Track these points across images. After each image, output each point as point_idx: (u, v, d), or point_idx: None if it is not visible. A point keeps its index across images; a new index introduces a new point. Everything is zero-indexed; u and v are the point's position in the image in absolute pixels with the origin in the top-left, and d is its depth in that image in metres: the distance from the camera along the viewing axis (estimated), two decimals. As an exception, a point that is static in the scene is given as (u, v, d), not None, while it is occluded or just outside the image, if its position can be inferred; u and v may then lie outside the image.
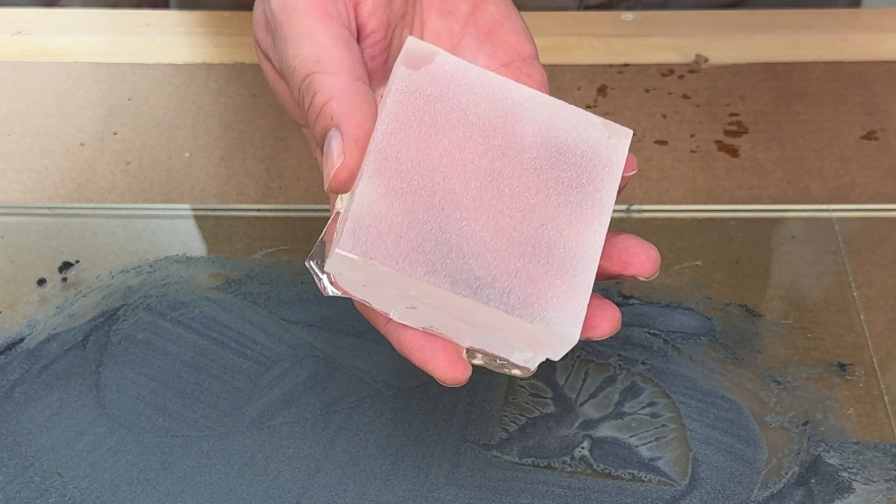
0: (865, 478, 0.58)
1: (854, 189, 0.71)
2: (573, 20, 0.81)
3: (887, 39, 0.80)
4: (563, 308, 0.46)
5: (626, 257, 0.49)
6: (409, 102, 0.47)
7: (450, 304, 0.45)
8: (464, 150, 0.47)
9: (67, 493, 0.56)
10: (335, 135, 0.46)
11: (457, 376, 0.47)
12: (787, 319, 0.64)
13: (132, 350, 0.62)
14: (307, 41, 0.48)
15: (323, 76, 0.47)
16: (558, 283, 0.46)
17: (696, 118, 0.75)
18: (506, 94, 0.48)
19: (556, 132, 0.48)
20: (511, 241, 0.46)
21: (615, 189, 0.48)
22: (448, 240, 0.45)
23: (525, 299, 0.45)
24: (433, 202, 0.46)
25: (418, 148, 0.46)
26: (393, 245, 0.45)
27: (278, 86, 0.52)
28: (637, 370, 0.62)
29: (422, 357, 0.47)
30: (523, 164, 0.47)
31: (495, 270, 0.45)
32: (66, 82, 0.77)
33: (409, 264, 0.44)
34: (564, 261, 0.46)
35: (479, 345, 0.48)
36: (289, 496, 0.57)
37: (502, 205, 0.46)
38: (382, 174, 0.46)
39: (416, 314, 0.47)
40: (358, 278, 0.46)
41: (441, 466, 0.58)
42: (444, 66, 0.48)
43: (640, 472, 0.58)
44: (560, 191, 0.47)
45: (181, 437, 0.59)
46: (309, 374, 0.61)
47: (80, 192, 0.70)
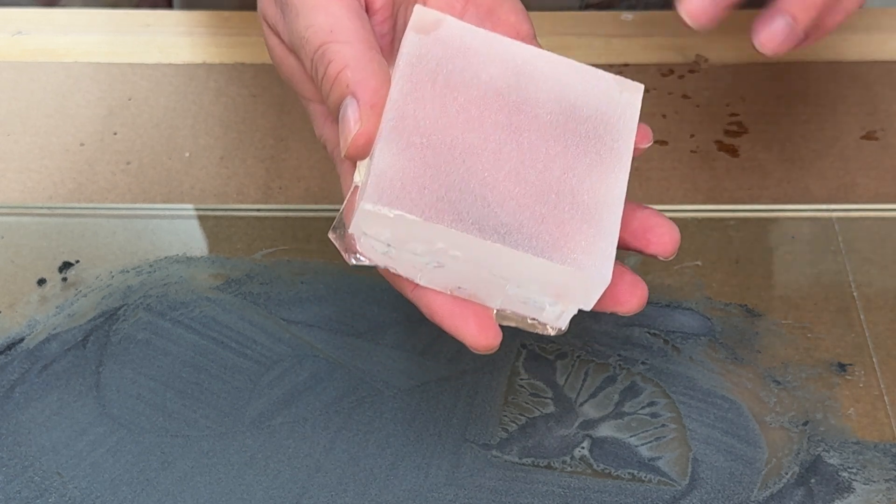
0: (865, 478, 0.58)
1: (854, 189, 0.71)
2: (573, 20, 0.81)
3: (887, 39, 0.80)
4: (592, 251, 0.46)
5: (649, 235, 0.49)
6: (421, 65, 0.47)
7: (478, 253, 0.45)
8: (479, 108, 0.47)
9: (67, 493, 0.56)
10: (351, 102, 0.46)
11: (489, 342, 0.47)
12: (787, 319, 0.64)
13: (132, 350, 0.62)
14: (320, 12, 0.48)
15: (337, 45, 0.47)
16: (584, 227, 0.46)
17: (696, 118, 0.75)
18: (516, 54, 0.49)
19: (569, 88, 0.49)
20: (534, 189, 0.46)
21: (632, 139, 0.49)
22: (472, 189, 0.45)
23: (553, 243, 0.45)
24: (454, 155, 0.46)
25: (434, 106, 0.47)
26: (418, 195, 0.45)
27: (286, 60, 0.52)
28: (637, 370, 0.62)
29: (452, 323, 0.47)
30: (539, 119, 0.48)
31: (521, 217, 0.45)
32: (66, 82, 0.77)
33: (435, 213, 0.45)
34: (589, 206, 0.47)
35: (509, 305, 0.48)
36: (289, 496, 0.57)
37: (522, 156, 0.47)
38: (401, 132, 0.46)
39: (443, 274, 0.47)
40: (384, 236, 0.46)
41: (441, 466, 0.58)
42: (453, 30, 0.49)
43: (640, 472, 0.58)
44: (578, 142, 0.48)
45: (181, 437, 0.59)
46: (309, 374, 0.61)
47: (80, 192, 0.70)
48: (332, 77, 0.47)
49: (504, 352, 0.62)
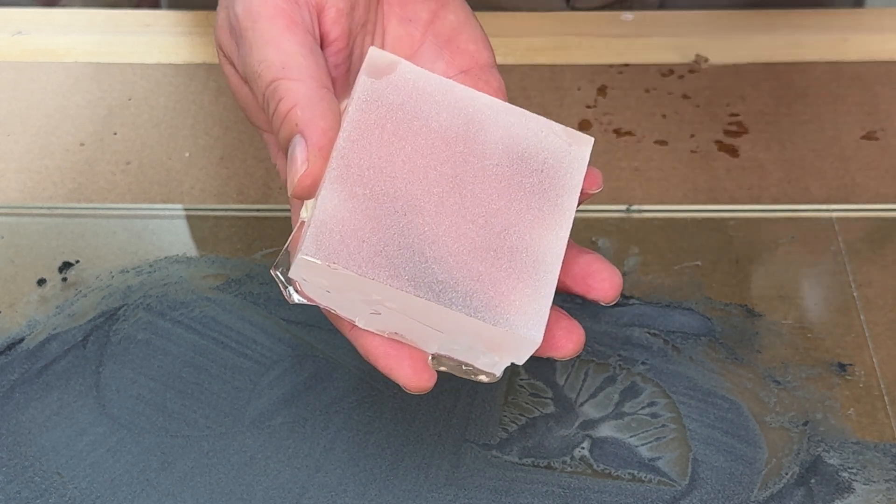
0: (865, 478, 0.58)
1: (854, 189, 0.71)
2: (573, 20, 0.81)
3: (887, 39, 0.80)
4: (526, 311, 0.46)
5: (590, 281, 0.49)
6: (371, 111, 0.47)
7: (413, 307, 0.46)
8: (426, 157, 0.47)
9: (67, 493, 0.56)
10: (299, 141, 0.46)
11: (421, 384, 0.47)
12: (787, 319, 0.64)
13: (132, 350, 0.62)
14: (272, 47, 0.48)
15: (288, 82, 0.47)
16: (521, 286, 0.46)
17: (696, 118, 0.75)
18: (467, 103, 0.49)
19: (517, 139, 0.49)
20: (473, 245, 0.46)
21: (577, 195, 0.49)
22: (410, 244, 0.46)
23: (488, 303, 0.46)
24: (396, 207, 0.46)
25: (380, 155, 0.47)
26: (356, 249, 0.45)
27: (240, 90, 0.52)
28: (637, 370, 0.62)
29: (386, 364, 0.48)
30: (485, 171, 0.48)
31: (458, 274, 0.46)
32: (66, 82, 0.77)
33: (371, 268, 0.45)
34: (527, 265, 0.47)
35: (445, 350, 0.48)
36: (289, 496, 0.57)
37: (465, 210, 0.47)
38: (345, 180, 0.46)
39: (380, 320, 0.47)
40: (322, 283, 0.46)
41: (441, 466, 0.58)
42: (406, 75, 0.48)
43: (640, 472, 0.58)
44: (522, 196, 0.48)
45: (181, 437, 0.59)
46: (309, 374, 0.61)
47: (80, 192, 0.70)
48: (283, 114, 0.47)
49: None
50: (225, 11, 0.51)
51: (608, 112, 0.76)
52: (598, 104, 0.76)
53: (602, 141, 0.74)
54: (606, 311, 0.64)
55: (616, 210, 0.70)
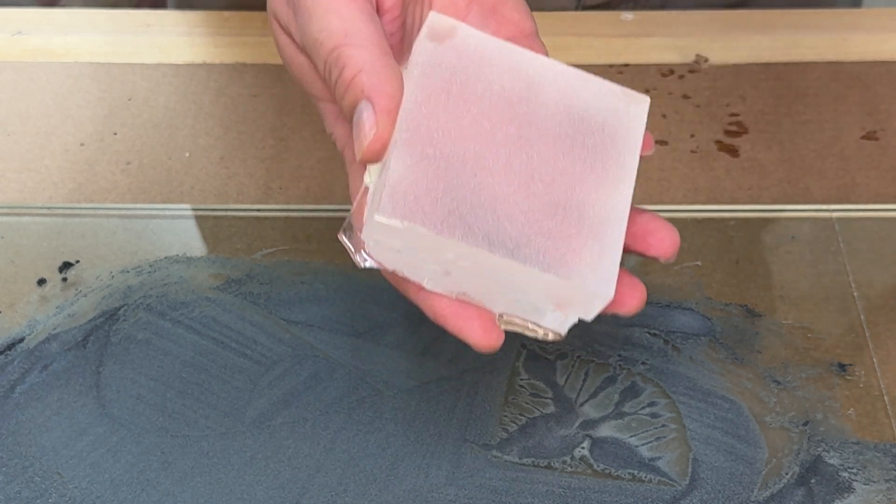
0: (865, 478, 0.58)
1: (854, 189, 0.71)
2: (573, 20, 0.81)
3: (887, 39, 0.80)
4: (597, 266, 0.47)
5: (649, 239, 0.50)
6: (436, 74, 0.48)
7: (486, 265, 0.46)
8: (491, 119, 0.48)
9: (67, 493, 0.56)
10: (367, 106, 0.47)
11: (491, 342, 0.48)
12: (787, 319, 0.64)
13: (132, 350, 0.62)
14: (333, 15, 0.48)
15: (351, 49, 0.48)
16: (590, 243, 0.47)
17: (696, 118, 0.75)
18: (527, 65, 0.49)
19: (577, 100, 0.49)
20: (542, 203, 0.47)
21: (637, 153, 0.50)
22: (482, 203, 0.46)
23: (560, 258, 0.46)
24: (466, 168, 0.47)
25: (448, 118, 0.47)
26: (430, 209, 0.45)
27: (295, 60, 0.52)
28: (637, 370, 0.62)
29: (456, 324, 0.48)
30: (549, 132, 0.48)
31: (530, 231, 0.46)
32: (66, 82, 0.77)
33: (447, 227, 0.45)
34: (594, 222, 0.47)
35: (511, 310, 0.49)
36: (289, 496, 0.57)
37: (532, 170, 0.47)
38: (415, 143, 0.46)
39: (450, 280, 0.47)
40: (394, 245, 0.46)
41: (441, 466, 0.58)
42: (467, 38, 0.49)
43: (640, 472, 0.58)
44: (585, 156, 0.49)
45: (181, 437, 0.59)
46: (309, 374, 0.61)
47: (80, 192, 0.70)
48: (347, 81, 0.47)
49: (504, 352, 0.62)
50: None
51: (608, 112, 0.76)
52: (598, 104, 0.76)
53: (602, 141, 0.74)
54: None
55: (616, 210, 0.69)
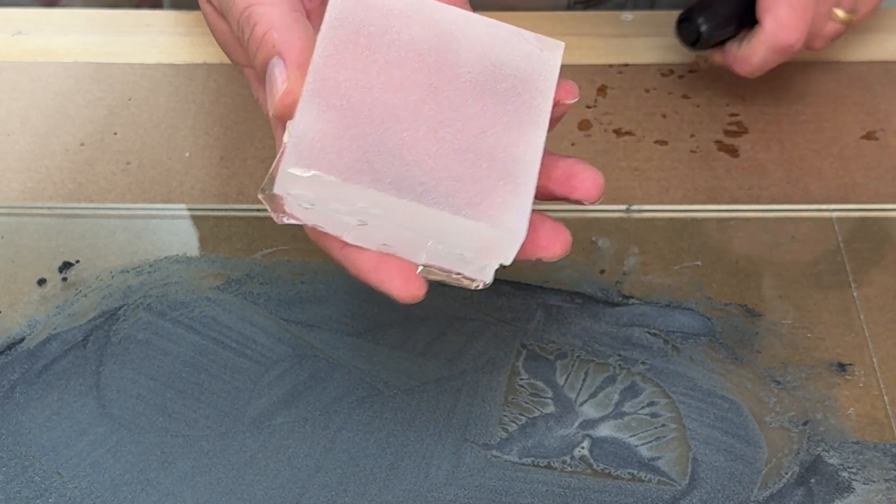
0: (865, 478, 0.58)
1: (854, 189, 0.71)
2: (573, 20, 0.81)
3: (887, 39, 0.80)
4: (508, 206, 0.47)
5: (573, 182, 0.50)
6: (343, 27, 0.48)
7: (397, 212, 0.46)
8: (400, 69, 0.48)
9: (67, 493, 0.56)
10: (278, 62, 0.47)
11: (412, 292, 0.48)
12: (787, 319, 0.64)
13: (132, 350, 0.62)
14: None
15: (261, 7, 0.48)
16: (501, 184, 0.47)
17: (696, 118, 0.75)
18: (438, 17, 0.50)
19: (489, 48, 0.50)
20: (452, 148, 0.47)
21: (550, 97, 0.50)
22: (390, 150, 0.46)
23: (469, 200, 0.46)
24: (373, 116, 0.47)
25: (355, 68, 0.48)
26: (336, 157, 0.46)
27: (219, 26, 0.53)
28: (637, 370, 0.62)
29: (378, 277, 0.48)
30: (459, 78, 0.49)
31: (438, 175, 0.46)
32: (66, 82, 0.77)
33: (353, 173, 0.45)
34: (506, 164, 0.47)
35: (434, 260, 0.49)
36: (289, 496, 0.57)
37: (441, 116, 0.48)
38: (322, 94, 0.47)
39: (368, 231, 0.48)
40: (307, 197, 0.47)
41: (441, 466, 0.58)
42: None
43: (640, 472, 0.58)
44: (496, 101, 0.49)
45: (181, 437, 0.59)
46: (309, 374, 0.61)
47: (80, 192, 0.70)
48: (259, 38, 0.48)
49: (504, 352, 0.62)
50: None
51: (608, 112, 0.76)
52: (598, 104, 0.76)
53: (602, 141, 0.74)
54: (606, 311, 0.64)
55: (616, 210, 0.70)
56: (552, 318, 0.64)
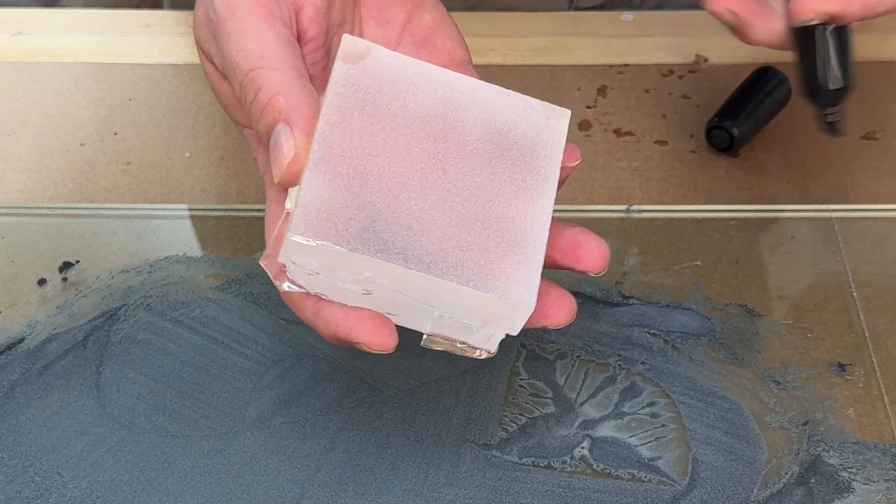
0: (865, 478, 0.58)
1: (854, 189, 0.71)
2: (573, 20, 0.81)
3: (887, 39, 0.80)
4: (517, 277, 0.46)
5: (578, 252, 0.49)
6: (349, 94, 0.48)
7: (404, 282, 0.46)
8: (406, 136, 0.48)
9: (67, 493, 0.56)
10: (284, 128, 0.46)
11: (382, 340, 0.47)
12: (787, 319, 0.64)
13: (132, 350, 0.62)
14: (251, 37, 0.48)
15: (267, 71, 0.47)
16: (510, 254, 0.47)
17: (696, 118, 0.75)
18: (443, 83, 0.49)
19: (495, 115, 0.49)
20: (460, 217, 0.47)
21: (558, 165, 0.49)
22: (398, 219, 0.46)
23: (478, 271, 0.46)
24: (380, 185, 0.46)
25: (361, 136, 0.47)
26: (344, 226, 0.45)
27: (220, 87, 0.52)
28: (637, 370, 0.62)
29: (346, 325, 0.47)
30: (466, 146, 0.48)
31: (447, 245, 0.46)
32: (66, 82, 0.77)
33: (361, 243, 0.45)
34: (514, 234, 0.47)
35: (438, 329, 0.48)
36: (289, 496, 0.57)
37: (448, 184, 0.47)
38: (328, 162, 0.46)
39: (372, 300, 0.47)
40: (312, 265, 0.46)
41: (441, 466, 0.58)
42: (381, 59, 0.49)
43: (639, 472, 0.58)
44: (504, 169, 0.48)
45: (181, 437, 0.59)
46: (309, 374, 0.61)
47: (80, 192, 0.70)
48: (263, 103, 0.47)
49: (504, 352, 0.62)
50: (203, 7, 0.51)
51: (608, 112, 0.76)
52: (598, 104, 0.76)
53: (602, 141, 0.74)
54: (606, 311, 0.64)
55: (616, 210, 0.70)
56: (552, 318, 0.64)
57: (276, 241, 0.48)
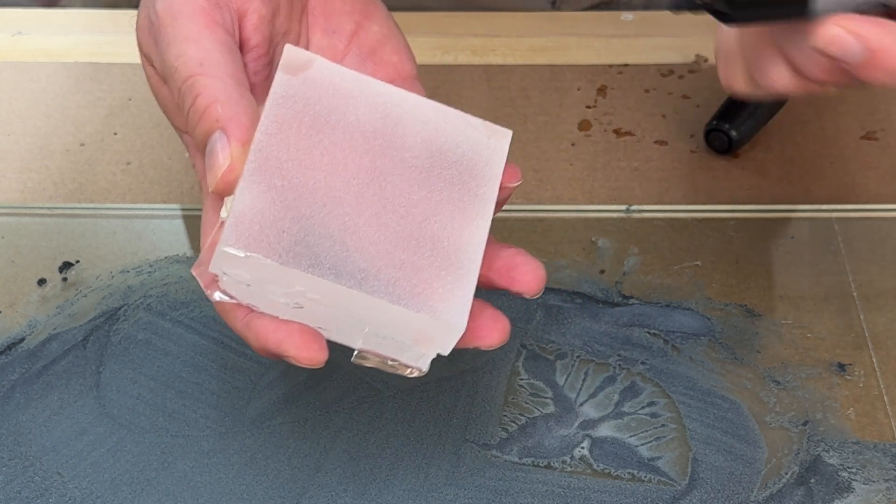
0: (865, 478, 0.58)
1: (854, 189, 0.71)
2: (573, 20, 0.81)
3: (887, 39, 0.80)
4: (449, 298, 0.46)
5: (514, 274, 0.49)
6: (288, 105, 0.47)
7: (335, 297, 0.45)
8: (344, 150, 0.47)
9: (67, 493, 0.56)
10: (220, 137, 0.46)
11: (311, 355, 0.46)
12: (787, 319, 0.64)
13: (132, 350, 0.62)
14: (191, 44, 0.48)
15: (206, 79, 0.47)
16: (443, 274, 0.46)
17: (696, 118, 0.75)
18: (385, 98, 0.49)
19: (435, 133, 0.49)
20: (394, 235, 0.46)
21: (496, 185, 0.49)
22: (331, 234, 0.45)
23: (410, 290, 0.46)
24: (315, 199, 0.46)
25: (298, 148, 0.47)
26: (276, 239, 0.45)
27: (160, 90, 0.52)
28: (637, 370, 0.62)
29: (276, 338, 0.46)
30: (404, 163, 0.48)
31: (380, 262, 0.46)
32: (66, 82, 0.77)
33: (292, 257, 0.45)
34: (449, 253, 0.47)
35: (370, 346, 0.48)
36: (289, 496, 0.57)
37: (385, 201, 0.47)
38: (263, 173, 0.46)
39: (303, 314, 0.47)
40: (243, 277, 0.46)
41: (441, 466, 0.58)
42: (323, 71, 0.48)
43: (639, 472, 0.58)
44: (442, 188, 0.48)
45: (181, 437, 0.59)
46: (309, 374, 0.61)
47: (80, 192, 0.70)
48: (201, 110, 0.46)
49: (504, 352, 0.62)
50: (145, 10, 0.50)
51: (608, 112, 0.76)
52: (598, 104, 0.76)
53: (602, 141, 0.74)
54: (606, 311, 0.64)
55: (616, 210, 0.70)
56: (552, 318, 0.64)
57: (209, 249, 0.48)
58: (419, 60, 0.54)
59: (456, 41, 0.80)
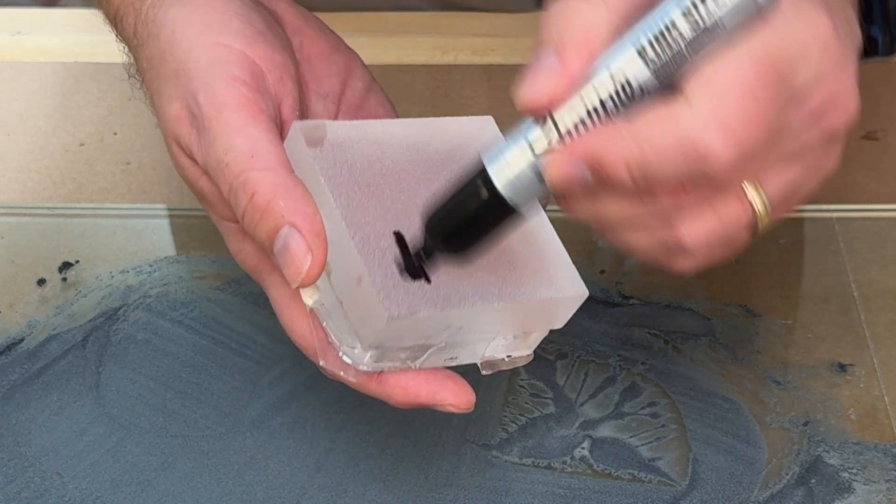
0: (865, 478, 0.58)
1: (854, 189, 0.71)
2: (573, 20, 0.81)
3: (887, 39, 0.80)
4: (559, 274, 0.49)
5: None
6: (338, 174, 0.48)
7: (481, 318, 0.47)
8: (403, 191, 0.48)
9: (67, 494, 0.56)
10: (291, 232, 0.45)
11: (469, 398, 0.48)
12: (787, 319, 0.64)
13: (132, 350, 0.62)
14: (240, 136, 0.47)
15: (259, 173, 0.46)
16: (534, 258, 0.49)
17: (696, 118, 0.75)
18: (395, 131, 0.50)
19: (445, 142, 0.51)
20: None
21: None
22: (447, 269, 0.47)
23: (530, 282, 0.48)
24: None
25: (371, 205, 0.48)
26: (420, 292, 0.46)
27: (198, 181, 0.51)
28: (637, 370, 0.62)
29: (429, 391, 0.48)
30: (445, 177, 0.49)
31: (498, 272, 0.48)
32: (66, 82, 0.77)
33: (444, 300, 0.46)
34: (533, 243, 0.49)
35: (489, 353, 0.50)
36: (289, 496, 0.57)
37: None
38: (368, 240, 0.47)
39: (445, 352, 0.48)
40: (405, 343, 0.47)
41: (441, 466, 0.58)
42: (338, 132, 0.49)
43: (640, 472, 0.58)
44: None
45: (181, 437, 0.59)
46: (309, 374, 0.61)
47: (80, 192, 0.70)
48: (261, 208, 0.46)
49: (504, 352, 0.62)
50: (181, 101, 0.49)
51: (608, 112, 0.75)
52: (598, 104, 0.76)
53: (602, 141, 0.74)
54: (606, 311, 0.64)
55: (616, 210, 0.69)
56: (552, 318, 0.64)
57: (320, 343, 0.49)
58: (419, 60, 0.54)
59: (456, 41, 0.80)
